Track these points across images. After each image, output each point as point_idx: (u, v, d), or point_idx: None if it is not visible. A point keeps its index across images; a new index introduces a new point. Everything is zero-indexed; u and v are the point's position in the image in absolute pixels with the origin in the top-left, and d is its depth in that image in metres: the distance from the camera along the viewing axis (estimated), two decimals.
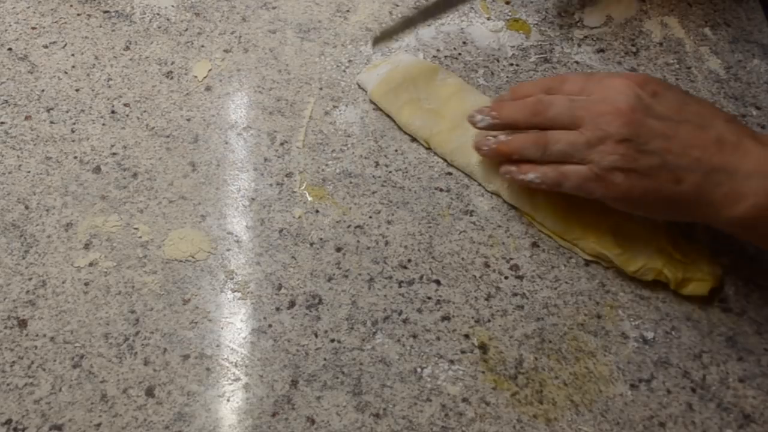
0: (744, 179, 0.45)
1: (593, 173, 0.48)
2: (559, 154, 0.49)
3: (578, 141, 0.48)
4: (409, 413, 0.48)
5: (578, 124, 0.49)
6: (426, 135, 0.58)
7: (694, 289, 0.52)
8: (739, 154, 0.46)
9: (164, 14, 0.65)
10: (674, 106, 0.48)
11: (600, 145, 0.47)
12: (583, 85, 0.50)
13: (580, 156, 0.48)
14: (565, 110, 0.49)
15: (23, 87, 0.61)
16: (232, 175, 0.57)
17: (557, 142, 0.49)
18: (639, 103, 0.47)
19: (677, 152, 0.46)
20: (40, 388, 0.48)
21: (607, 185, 0.48)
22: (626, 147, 0.46)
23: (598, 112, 0.48)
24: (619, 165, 0.47)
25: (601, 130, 0.47)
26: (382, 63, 0.62)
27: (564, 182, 0.50)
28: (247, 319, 0.51)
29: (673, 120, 0.47)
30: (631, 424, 0.48)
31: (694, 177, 0.46)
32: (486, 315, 0.52)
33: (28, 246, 0.53)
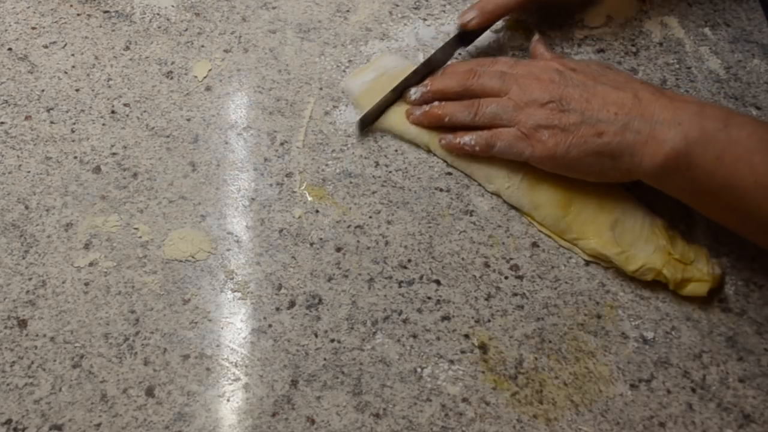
0: (661, 127, 0.48)
1: (521, 133, 0.52)
2: (489, 115, 0.54)
3: (507, 104, 0.53)
4: (409, 413, 0.48)
5: (506, 91, 0.54)
6: (425, 140, 0.58)
7: (693, 289, 0.52)
8: (656, 106, 0.49)
9: (164, 14, 0.65)
10: (591, 75, 0.53)
11: (526, 107, 0.52)
12: (512, 65, 0.56)
13: (508, 117, 0.53)
14: (495, 79, 0.54)
15: (23, 87, 0.61)
16: (232, 175, 0.57)
17: (487, 105, 0.54)
18: (559, 75, 0.53)
19: (596, 108, 0.50)
20: (40, 388, 0.48)
21: (534, 143, 0.52)
22: (549, 108, 0.51)
23: (525, 83, 0.53)
24: (543, 123, 0.51)
25: (526, 95, 0.52)
26: (368, 68, 0.62)
27: (496, 142, 0.54)
28: (247, 319, 0.51)
29: (590, 85, 0.52)
30: (631, 424, 0.48)
31: (614, 128, 0.49)
32: (486, 315, 0.52)
33: (28, 246, 0.53)
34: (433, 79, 0.58)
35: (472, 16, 0.60)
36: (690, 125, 0.47)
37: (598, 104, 0.50)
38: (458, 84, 0.56)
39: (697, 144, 0.47)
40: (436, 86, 0.57)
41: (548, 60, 0.56)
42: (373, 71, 0.61)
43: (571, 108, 0.51)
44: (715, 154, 0.46)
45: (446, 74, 0.58)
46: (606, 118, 0.49)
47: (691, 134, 0.47)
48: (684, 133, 0.47)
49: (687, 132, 0.47)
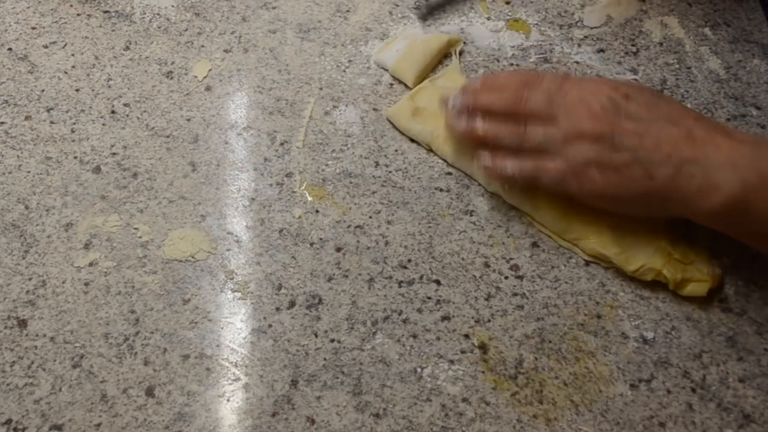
0: (716, 170, 0.46)
1: (570, 168, 0.49)
2: (536, 145, 0.50)
3: (556, 135, 0.50)
4: (409, 413, 0.48)
5: (553, 118, 0.50)
6: (427, 140, 0.58)
7: (693, 289, 0.52)
8: (711, 147, 0.46)
9: (164, 14, 0.65)
10: (645, 107, 0.49)
11: (576, 140, 0.49)
12: (560, 83, 0.51)
13: (555, 149, 0.50)
14: (544, 105, 0.50)
15: (23, 87, 0.61)
16: (232, 175, 0.57)
17: (536, 133, 0.50)
18: (611, 104, 0.49)
19: (649, 148, 0.47)
20: (40, 388, 0.48)
21: (582, 180, 0.49)
22: (600, 144, 0.48)
23: (575, 111, 0.49)
24: (593, 159, 0.48)
25: (575, 126, 0.49)
26: (396, 40, 0.63)
27: (542, 176, 0.51)
28: (247, 319, 0.51)
29: (644, 119, 0.48)
30: (631, 424, 0.48)
31: (666, 171, 0.47)
32: (486, 315, 0.52)
33: (28, 246, 0.53)
34: (477, 90, 0.54)
35: None
36: (747, 169, 0.45)
37: (651, 143, 0.47)
38: (503, 107, 0.52)
39: (756, 190, 0.45)
40: (481, 103, 0.53)
41: (599, 82, 0.52)
42: (403, 39, 0.63)
43: (623, 145, 0.48)
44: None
45: (491, 87, 0.54)
46: (659, 159, 0.47)
47: (749, 179, 0.45)
48: (741, 177, 0.45)
49: (744, 177, 0.45)
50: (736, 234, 0.50)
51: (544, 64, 0.63)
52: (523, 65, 0.63)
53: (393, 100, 0.61)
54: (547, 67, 0.63)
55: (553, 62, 0.64)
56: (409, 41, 0.62)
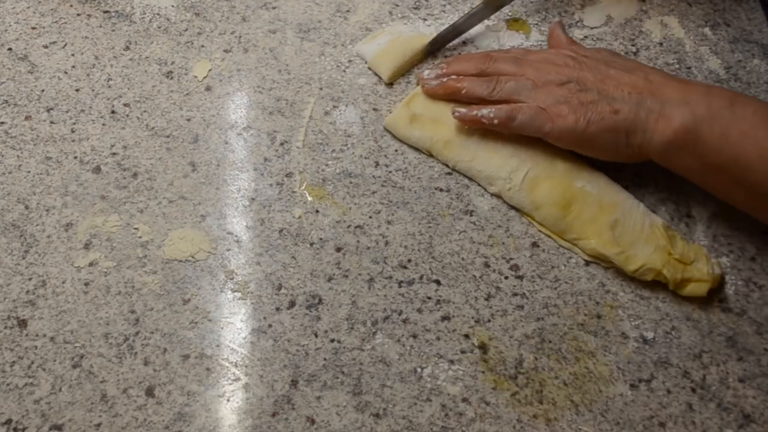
0: (671, 105, 0.50)
1: (541, 108, 0.53)
2: (507, 91, 0.55)
3: (525, 82, 0.55)
4: (409, 413, 0.48)
5: (523, 73, 0.55)
6: (427, 145, 0.58)
7: (693, 289, 0.52)
8: (666, 88, 0.51)
9: (164, 14, 0.65)
10: (603, 60, 0.55)
11: (545, 86, 0.54)
12: (524, 52, 0.58)
13: (526, 94, 0.54)
14: (510, 63, 0.56)
15: (23, 87, 0.61)
16: (232, 175, 0.57)
17: (506, 81, 0.55)
18: (573, 60, 0.55)
19: (612, 87, 0.52)
20: (40, 388, 0.48)
21: (555, 118, 0.53)
22: (568, 87, 0.53)
23: (541, 66, 0.55)
24: (563, 99, 0.53)
25: (542, 76, 0.54)
26: (381, 35, 0.63)
27: (517, 115, 0.54)
28: (247, 319, 0.51)
29: (603, 69, 0.54)
30: (631, 424, 0.48)
31: (629, 107, 0.51)
32: (486, 315, 0.52)
33: (28, 246, 0.53)
34: (449, 62, 0.59)
35: None
36: (697, 104, 0.50)
37: (613, 84, 0.52)
38: (474, 67, 0.57)
39: (704, 121, 0.49)
40: (453, 68, 0.58)
41: (562, 46, 0.58)
42: (387, 35, 0.63)
43: (587, 88, 0.53)
44: (721, 131, 0.49)
45: (461, 58, 0.59)
46: (621, 96, 0.52)
47: (698, 112, 0.49)
48: (692, 110, 0.49)
49: (694, 110, 0.49)
50: (689, 171, 0.52)
51: None
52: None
53: (393, 100, 0.61)
54: None
55: None
56: (393, 37, 0.63)
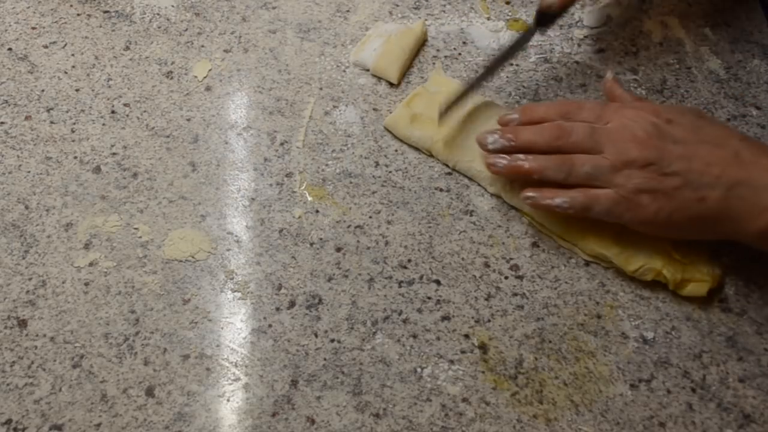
0: (765, 191, 0.46)
1: (620, 196, 0.49)
2: (584, 177, 0.50)
3: (603, 164, 0.49)
4: (409, 413, 0.48)
5: (599, 150, 0.50)
6: (426, 145, 0.58)
7: (693, 289, 0.52)
8: (758, 168, 0.47)
9: (164, 14, 0.65)
10: (690, 130, 0.49)
11: (624, 169, 0.48)
12: (599, 113, 0.51)
13: (605, 179, 0.49)
14: (587, 137, 0.50)
15: (23, 87, 0.61)
16: (232, 175, 0.57)
17: (583, 164, 0.50)
18: (656, 130, 0.49)
19: (698, 171, 0.48)
20: (40, 388, 0.48)
21: (634, 208, 0.49)
22: (650, 170, 0.48)
23: (619, 139, 0.49)
24: (644, 187, 0.48)
25: (623, 155, 0.48)
26: (370, 38, 0.63)
27: (594, 206, 0.50)
28: (247, 319, 0.51)
29: (690, 142, 0.49)
30: (631, 424, 0.48)
31: (716, 193, 0.47)
32: (486, 315, 0.52)
33: (28, 246, 0.53)
34: (517, 131, 0.53)
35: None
36: None
37: (700, 165, 0.48)
38: (546, 144, 0.51)
39: None
40: (521, 141, 0.52)
41: (639, 108, 0.51)
42: (378, 37, 0.63)
43: (672, 170, 0.48)
44: None
45: (532, 127, 0.53)
46: (708, 182, 0.47)
47: None
48: None
49: None
50: None
51: (544, 64, 0.63)
52: (523, 65, 0.63)
53: (393, 100, 0.61)
54: (547, 67, 0.63)
55: (553, 62, 0.64)
56: (384, 38, 0.62)
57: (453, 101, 0.56)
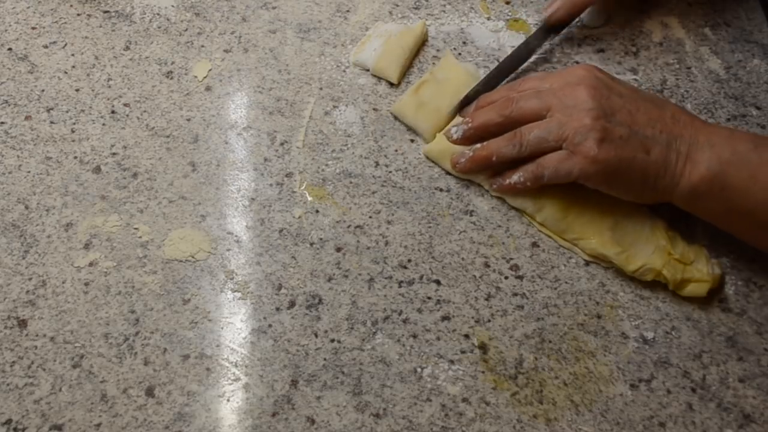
0: (698, 148, 0.49)
1: (568, 152, 0.50)
2: (535, 142, 0.51)
3: (550, 124, 0.51)
4: (409, 413, 0.48)
5: (547, 108, 0.51)
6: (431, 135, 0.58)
7: (693, 290, 0.52)
8: (692, 129, 0.50)
9: (164, 14, 0.65)
10: (630, 89, 0.52)
11: (571, 121, 0.50)
12: (542, 77, 0.54)
13: (554, 137, 0.50)
14: (533, 99, 0.52)
15: (23, 87, 0.61)
16: (232, 175, 0.57)
17: (530, 131, 0.51)
18: (600, 82, 0.51)
19: (642, 124, 0.50)
20: (40, 388, 0.48)
21: (582, 159, 0.49)
22: (595, 116, 0.49)
23: (564, 93, 0.51)
24: (592, 135, 0.49)
25: (569, 107, 0.50)
26: (370, 38, 0.63)
27: (543, 171, 0.52)
28: (247, 319, 0.51)
29: (632, 98, 0.51)
30: (631, 424, 0.48)
31: (660, 147, 0.49)
32: (486, 315, 0.52)
33: (28, 246, 0.53)
34: (472, 114, 0.55)
35: (557, 7, 0.57)
36: (722, 147, 0.48)
37: (644, 119, 0.50)
38: (498, 115, 0.53)
39: (731, 164, 0.48)
40: (477, 121, 0.54)
41: (581, 65, 0.53)
42: (377, 38, 0.63)
43: (617, 120, 0.49)
44: (748, 174, 0.47)
45: (482, 108, 0.56)
46: (652, 135, 0.49)
47: (724, 155, 0.48)
48: (718, 154, 0.48)
49: (720, 153, 0.48)
50: (713, 215, 0.51)
51: (544, 64, 0.63)
52: (523, 65, 0.63)
53: (393, 100, 0.61)
54: (547, 67, 0.63)
55: (553, 62, 0.63)
56: (384, 38, 0.62)
57: (462, 103, 0.58)
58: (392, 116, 0.60)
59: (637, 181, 0.50)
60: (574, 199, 0.54)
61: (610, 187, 0.51)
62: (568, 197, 0.54)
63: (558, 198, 0.54)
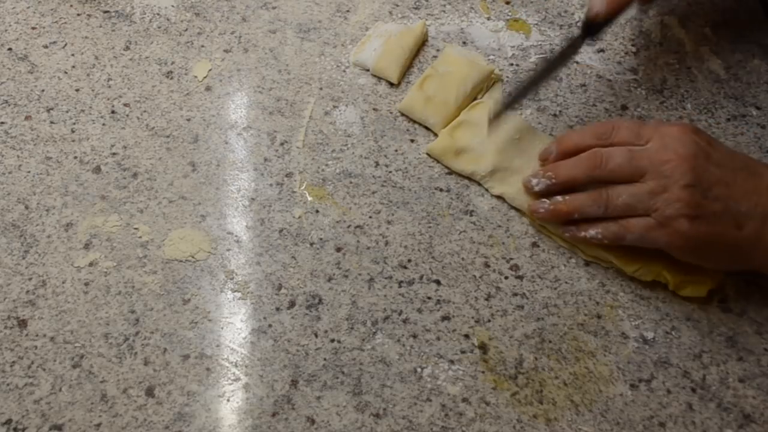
0: None
1: (657, 222, 0.48)
2: (622, 208, 0.49)
3: (641, 192, 0.48)
4: (409, 413, 0.48)
5: (640, 173, 0.49)
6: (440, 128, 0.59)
7: (693, 290, 0.52)
8: None
9: (164, 14, 0.65)
10: (728, 154, 0.49)
11: (664, 193, 0.47)
12: (637, 132, 0.50)
13: (643, 207, 0.48)
14: (626, 161, 0.49)
15: (23, 87, 0.61)
16: (232, 175, 0.57)
17: (619, 196, 0.49)
18: (699, 149, 0.48)
19: (737, 198, 0.47)
20: (40, 388, 0.48)
21: (671, 233, 0.48)
22: (691, 193, 0.47)
23: (661, 160, 0.48)
24: (684, 212, 0.47)
25: (664, 177, 0.47)
26: (370, 38, 0.63)
27: (626, 235, 0.50)
28: (247, 319, 0.51)
29: (728, 167, 0.48)
30: (631, 424, 0.48)
31: (754, 222, 0.47)
32: (486, 315, 0.52)
33: (28, 246, 0.53)
34: (556, 168, 0.52)
35: (599, 7, 0.54)
36: None
37: (739, 193, 0.47)
38: (585, 175, 0.51)
39: None
40: (561, 178, 0.52)
41: (679, 125, 0.50)
42: (377, 38, 0.63)
43: (713, 195, 0.47)
44: None
45: (570, 161, 0.52)
46: (747, 210, 0.47)
47: None
48: None
49: None
50: None
51: None
52: (523, 65, 0.63)
53: (393, 100, 0.61)
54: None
55: None
56: (384, 38, 0.62)
57: (500, 110, 0.55)
58: (392, 116, 0.60)
59: (727, 255, 0.48)
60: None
61: (697, 259, 0.50)
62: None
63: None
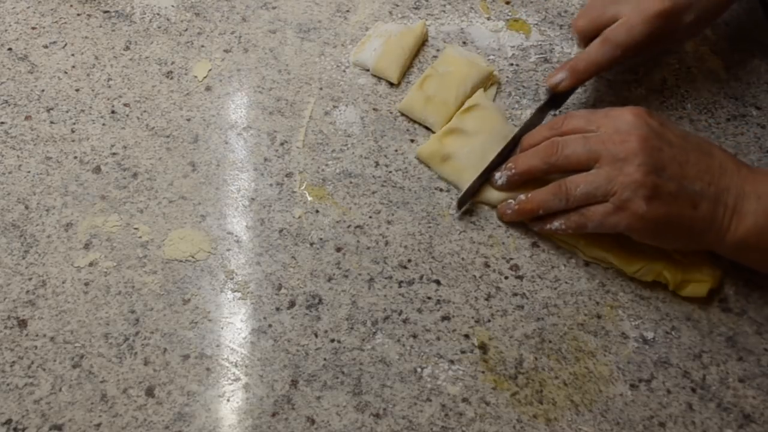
0: (745, 200, 0.47)
1: (615, 207, 0.48)
2: (582, 197, 0.50)
3: (597, 179, 0.49)
4: (409, 413, 0.48)
5: (595, 158, 0.49)
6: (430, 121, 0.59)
7: (693, 290, 0.52)
8: (739, 178, 0.48)
9: (164, 14, 0.65)
10: (680, 135, 0.49)
11: (620, 176, 0.48)
12: (588, 119, 0.51)
13: (602, 192, 0.49)
14: (580, 146, 0.50)
15: (23, 87, 0.61)
16: (232, 175, 0.57)
17: (577, 186, 0.50)
18: (651, 130, 0.48)
19: (691, 178, 0.48)
20: (40, 388, 0.48)
21: (630, 215, 0.48)
22: (645, 173, 0.47)
23: (614, 142, 0.49)
24: (641, 193, 0.47)
25: (619, 160, 0.48)
26: (370, 38, 0.63)
27: (588, 223, 0.50)
28: (247, 319, 0.51)
29: (682, 147, 0.48)
30: (631, 424, 0.48)
31: (707, 201, 0.47)
32: (486, 315, 0.52)
33: (28, 246, 0.53)
34: (516, 160, 0.54)
35: (563, 77, 0.56)
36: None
37: (693, 172, 0.48)
38: (542, 162, 0.51)
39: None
40: (520, 168, 0.53)
41: (630, 109, 0.50)
42: (377, 38, 0.63)
43: (667, 175, 0.47)
44: None
45: (527, 153, 0.53)
46: (701, 189, 0.48)
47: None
48: (764, 206, 0.47)
49: (767, 205, 0.47)
50: (757, 264, 0.50)
51: (544, 64, 0.63)
52: (523, 65, 0.63)
53: (393, 100, 0.61)
54: (547, 67, 0.63)
55: (553, 62, 0.63)
56: (384, 38, 0.62)
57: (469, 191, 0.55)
58: (392, 116, 0.60)
59: (683, 236, 0.49)
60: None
61: (654, 240, 0.50)
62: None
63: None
